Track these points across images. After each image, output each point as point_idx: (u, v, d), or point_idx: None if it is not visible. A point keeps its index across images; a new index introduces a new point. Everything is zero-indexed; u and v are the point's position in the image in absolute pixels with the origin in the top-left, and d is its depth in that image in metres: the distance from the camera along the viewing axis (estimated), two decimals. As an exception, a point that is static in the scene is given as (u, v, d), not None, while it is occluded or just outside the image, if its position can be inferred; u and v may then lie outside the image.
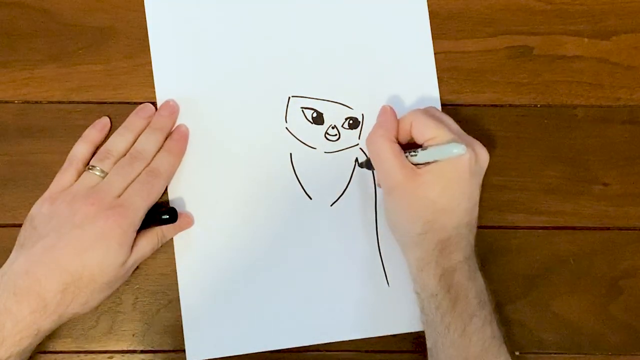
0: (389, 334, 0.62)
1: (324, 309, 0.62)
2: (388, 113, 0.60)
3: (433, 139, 0.56)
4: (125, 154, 0.61)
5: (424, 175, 0.56)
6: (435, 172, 0.56)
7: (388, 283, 0.63)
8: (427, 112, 0.59)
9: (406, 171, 0.56)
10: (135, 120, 0.62)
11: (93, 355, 0.62)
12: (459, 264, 0.56)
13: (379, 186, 0.62)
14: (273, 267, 0.63)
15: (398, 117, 0.60)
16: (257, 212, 0.63)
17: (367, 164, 0.62)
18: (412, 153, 0.57)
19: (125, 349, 0.62)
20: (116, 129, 0.62)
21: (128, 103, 0.64)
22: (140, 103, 0.64)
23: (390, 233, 0.62)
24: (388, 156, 0.57)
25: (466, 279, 0.55)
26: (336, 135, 0.64)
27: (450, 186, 0.56)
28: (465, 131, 0.64)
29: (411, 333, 0.62)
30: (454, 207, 0.56)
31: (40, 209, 0.58)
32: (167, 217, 0.60)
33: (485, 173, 0.64)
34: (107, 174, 0.59)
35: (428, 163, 0.56)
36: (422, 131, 0.57)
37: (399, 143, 0.59)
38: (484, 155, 0.57)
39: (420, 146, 0.57)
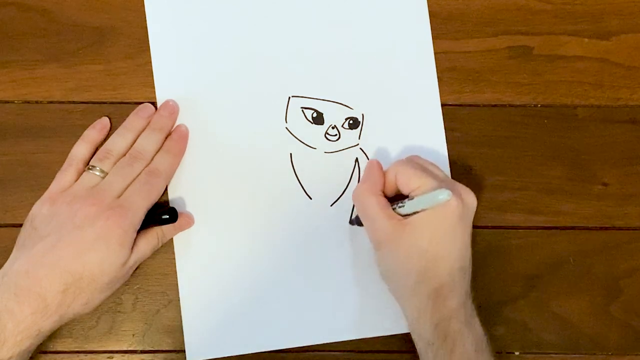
0: (389, 334, 0.62)
1: (323, 309, 0.62)
2: (374, 167, 0.60)
3: (418, 189, 0.56)
4: (125, 154, 0.61)
5: (412, 224, 0.56)
6: (423, 220, 0.55)
7: (388, 283, 0.63)
8: (411, 161, 0.59)
9: (394, 222, 0.56)
10: (135, 120, 0.62)
11: (93, 355, 0.62)
12: (454, 311, 0.55)
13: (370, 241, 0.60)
14: (273, 267, 0.63)
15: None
16: (257, 212, 0.63)
17: (357, 220, 0.61)
18: (400, 205, 0.57)
19: (125, 349, 0.62)
20: (116, 129, 0.62)
21: (128, 103, 0.64)
22: (140, 103, 0.64)
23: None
24: (374, 210, 0.57)
25: (463, 326, 0.55)
26: (336, 135, 0.64)
27: (440, 233, 0.55)
28: (465, 131, 0.65)
29: (409, 332, 0.62)
30: (446, 254, 0.56)
31: (40, 210, 0.58)
32: (167, 217, 0.60)
33: (486, 173, 0.64)
34: (107, 174, 0.59)
35: (416, 212, 0.56)
36: (407, 182, 0.57)
37: (387, 196, 0.59)
38: (471, 199, 0.57)
39: (407, 197, 0.57)
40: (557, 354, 0.63)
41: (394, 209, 0.57)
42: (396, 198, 0.58)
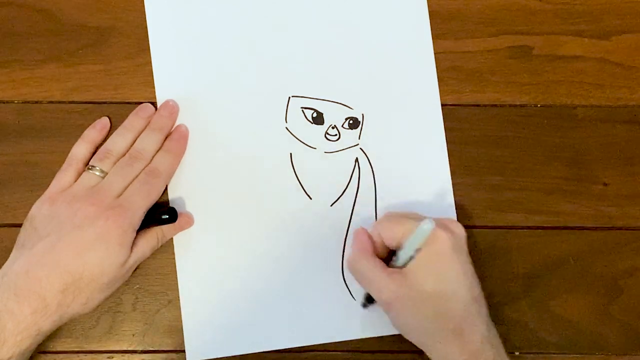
0: (389, 334, 0.62)
1: (323, 309, 0.62)
2: (359, 233, 0.60)
3: (403, 235, 0.56)
4: (125, 154, 0.61)
5: (411, 273, 0.56)
6: (420, 264, 0.56)
7: (388, 283, 0.63)
8: (388, 216, 0.60)
9: (395, 277, 0.56)
10: (135, 120, 0.62)
11: (93, 355, 0.62)
12: (480, 346, 0.54)
13: (377, 303, 0.59)
14: (273, 267, 0.63)
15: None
16: (257, 212, 0.63)
17: (368, 298, 0.61)
18: (393, 259, 0.57)
19: (125, 349, 0.62)
20: (116, 129, 0.62)
21: (128, 103, 0.64)
22: (140, 103, 0.64)
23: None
24: (372, 271, 0.57)
25: (495, 356, 0.54)
26: (336, 135, 0.64)
27: (441, 271, 0.56)
28: (465, 131, 0.65)
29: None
30: (454, 289, 0.55)
31: (40, 210, 0.58)
32: (167, 217, 0.60)
33: (485, 173, 0.64)
34: (106, 173, 0.59)
35: (411, 259, 0.56)
36: (392, 235, 0.58)
37: (382, 258, 0.59)
38: (458, 229, 0.58)
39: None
40: (557, 354, 0.63)
41: (391, 266, 0.58)
42: (390, 257, 0.59)
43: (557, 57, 0.66)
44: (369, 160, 0.64)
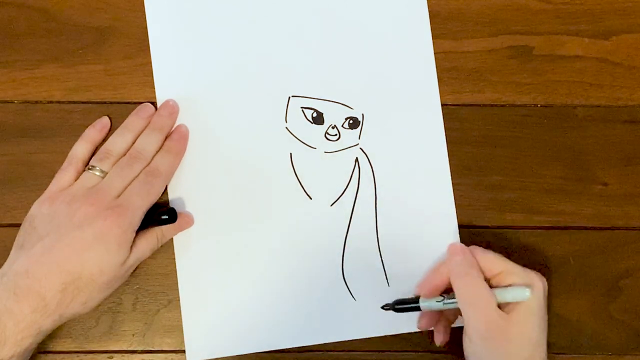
0: (389, 334, 0.62)
1: (323, 309, 0.62)
2: (467, 251, 0.59)
3: (500, 274, 0.57)
4: (125, 154, 0.61)
5: (515, 313, 0.55)
6: (524, 309, 0.55)
7: (388, 283, 0.63)
8: (483, 250, 0.59)
9: (500, 313, 0.55)
10: (134, 120, 0.62)
11: (93, 355, 0.62)
12: None
13: (466, 335, 0.57)
14: (273, 267, 0.63)
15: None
16: (257, 212, 0.63)
17: (399, 308, 0.60)
18: None
19: (125, 349, 0.62)
20: (116, 129, 0.62)
21: (128, 103, 0.64)
22: (140, 103, 0.64)
23: (390, 232, 0.62)
24: (488, 303, 0.55)
25: None
26: (336, 135, 0.64)
27: (538, 318, 0.56)
28: (465, 131, 0.65)
29: (411, 333, 0.62)
30: (544, 338, 0.56)
31: (39, 209, 0.58)
32: (167, 217, 0.60)
33: (485, 173, 0.64)
34: (106, 174, 0.59)
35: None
36: (490, 267, 0.57)
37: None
38: (545, 283, 0.58)
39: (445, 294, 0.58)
40: (557, 354, 0.63)
41: None
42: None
43: (557, 57, 0.66)
44: (369, 160, 0.64)
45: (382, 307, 0.61)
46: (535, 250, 0.64)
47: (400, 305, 0.60)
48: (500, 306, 0.56)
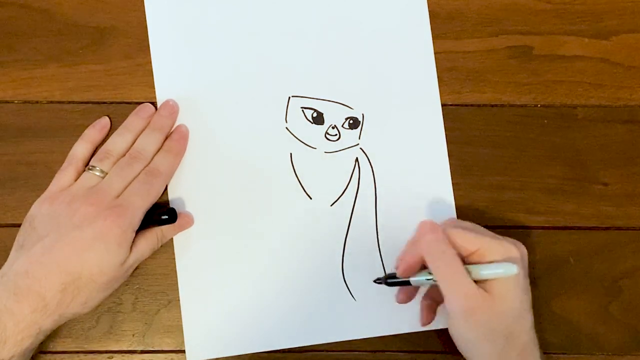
0: (389, 334, 0.62)
1: (324, 309, 0.62)
2: (439, 230, 0.57)
3: (478, 250, 0.56)
4: (125, 154, 0.61)
5: (495, 290, 0.55)
6: (503, 285, 0.55)
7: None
8: (458, 223, 0.59)
9: (479, 288, 0.54)
10: (134, 120, 0.62)
11: (93, 355, 0.62)
12: None
13: (449, 314, 0.56)
14: (273, 267, 0.63)
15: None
16: (257, 212, 0.63)
17: (390, 280, 0.59)
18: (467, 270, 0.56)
19: (125, 349, 0.62)
20: (116, 129, 0.62)
21: (128, 103, 0.64)
22: (140, 103, 0.64)
23: (390, 232, 0.62)
24: (461, 275, 0.55)
25: None
26: (336, 135, 0.64)
27: (518, 291, 0.55)
28: (465, 131, 0.65)
29: (411, 333, 0.62)
30: (525, 310, 0.56)
31: (39, 209, 0.58)
32: (167, 217, 0.60)
33: (485, 173, 0.64)
34: (106, 174, 0.59)
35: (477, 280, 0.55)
36: (465, 245, 0.56)
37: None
38: (525, 250, 0.57)
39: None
40: (557, 354, 0.63)
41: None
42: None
43: (557, 57, 0.66)
44: (369, 160, 0.64)
45: (375, 281, 0.61)
46: (535, 250, 0.64)
47: (392, 280, 0.59)
48: (482, 281, 0.55)
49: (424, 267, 0.58)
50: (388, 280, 0.60)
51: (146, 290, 0.62)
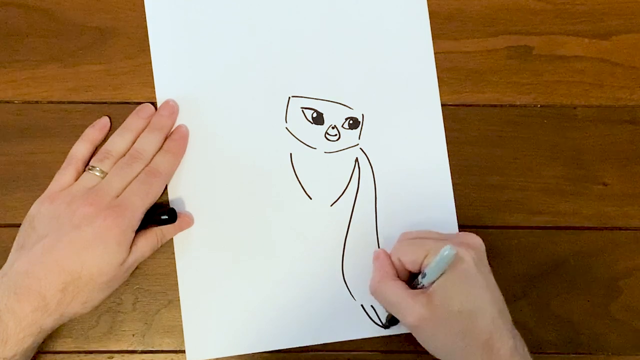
0: (389, 334, 0.62)
1: (324, 309, 0.62)
2: (380, 257, 0.60)
3: (427, 258, 0.56)
4: (125, 154, 0.61)
5: (436, 293, 0.55)
6: (444, 285, 0.55)
7: (388, 283, 0.63)
8: (405, 240, 0.59)
9: (419, 299, 0.55)
10: (134, 120, 0.62)
11: (93, 355, 0.62)
12: (509, 357, 0.54)
13: (404, 324, 0.59)
14: (273, 267, 0.63)
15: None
16: (257, 212, 0.63)
17: (392, 320, 0.61)
18: (416, 281, 0.57)
19: (125, 349, 0.62)
20: (116, 129, 0.62)
21: (128, 103, 0.64)
22: (140, 103, 0.64)
23: (390, 232, 0.62)
24: (396, 295, 0.56)
25: None
26: (336, 135, 0.65)
27: (466, 289, 0.55)
28: (465, 131, 0.65)
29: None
30: (480, 305, 0.55)
31: (39, 209, 0.58)
32: (167, 217, 0.60)
33: (485, 173, 0.64)
34: (106, 174, 0.59)
35: (433, 282, 0.55)
36: (413, 259, 0.57)
37: (404, 280, 0.58)
38: (477, 242, 0.57)
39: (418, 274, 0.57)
40: (557, 354, 0.63)
41: (413, 287, 0.57)
42: (411, 278, 0.59)
43: (557, 57, 0.66)
44: (369, 160, 0.64)
45: (384, 327, 0.62)
46: (535, 250, 0.64)
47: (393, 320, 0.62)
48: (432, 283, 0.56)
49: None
50: (389, 320, 0.61)
51: (146, 290, 0.62)
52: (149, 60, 0.65)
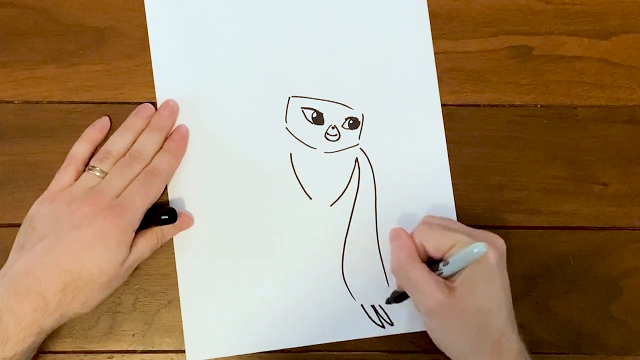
0: (389, 334, 0.62)
1: (324, 309, 0.62)
2: (403, 237, 0.60)
3: (452, 248, 0.56)
4: (125, 154, 0.61)
5: (460, 287, 0.55)
6: (468, 281, 0.55)
7: (388, 283, 0.63)
8: (430, 224, 0.59)
9: (442, 287, 0.55)
10: (134, 120, 0.62)
11: (93, 355, 0.62)
12: (517, 357, 0.55)
13: (417, 310, 0.58)
14: (273, 267, 0.63)
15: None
16: (257, 212, 0.63)
17: (397, 298, 0.60)
18: (438, 271, 0.56)
19: (125, 349, 0.62)
20: (116, 129, 0.62)
21: (128, 103, 0.64)
22: (140, 103, 0.64)
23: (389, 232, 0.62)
24: (422, 278, 0.56)
25: None
26: (336, 135, 0.65)
27: (488, 288, 0.55)
28: (465, 131, 0.65)
29: (411, 333, 0.62)
30: (497, 305, 0.56)
31: (39, 209, 0.58)
32: (167, 217, 0.60)
33: (485, 173, 0.64)
34: (106, 174, 0.59)
35: (454, 273, 0.56)
36: (437, 246, 0.57)
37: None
38: (501, 244, 0.57)
39: (439, 260, 0.57)
40: (557, 354, 0.63)
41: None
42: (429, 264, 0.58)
43: (557, 57, 0.66)
44: (369, 160, 0.64)
45: (386, 303, 0.62)
46: (535, 250, 0.64)
47: (397, 295, 0.60)
48: (453, 276, 0.56)
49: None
50: (394, 297, 0.61)
51: (146, 290, 0.62)
52: (149, 60, 0.65)
